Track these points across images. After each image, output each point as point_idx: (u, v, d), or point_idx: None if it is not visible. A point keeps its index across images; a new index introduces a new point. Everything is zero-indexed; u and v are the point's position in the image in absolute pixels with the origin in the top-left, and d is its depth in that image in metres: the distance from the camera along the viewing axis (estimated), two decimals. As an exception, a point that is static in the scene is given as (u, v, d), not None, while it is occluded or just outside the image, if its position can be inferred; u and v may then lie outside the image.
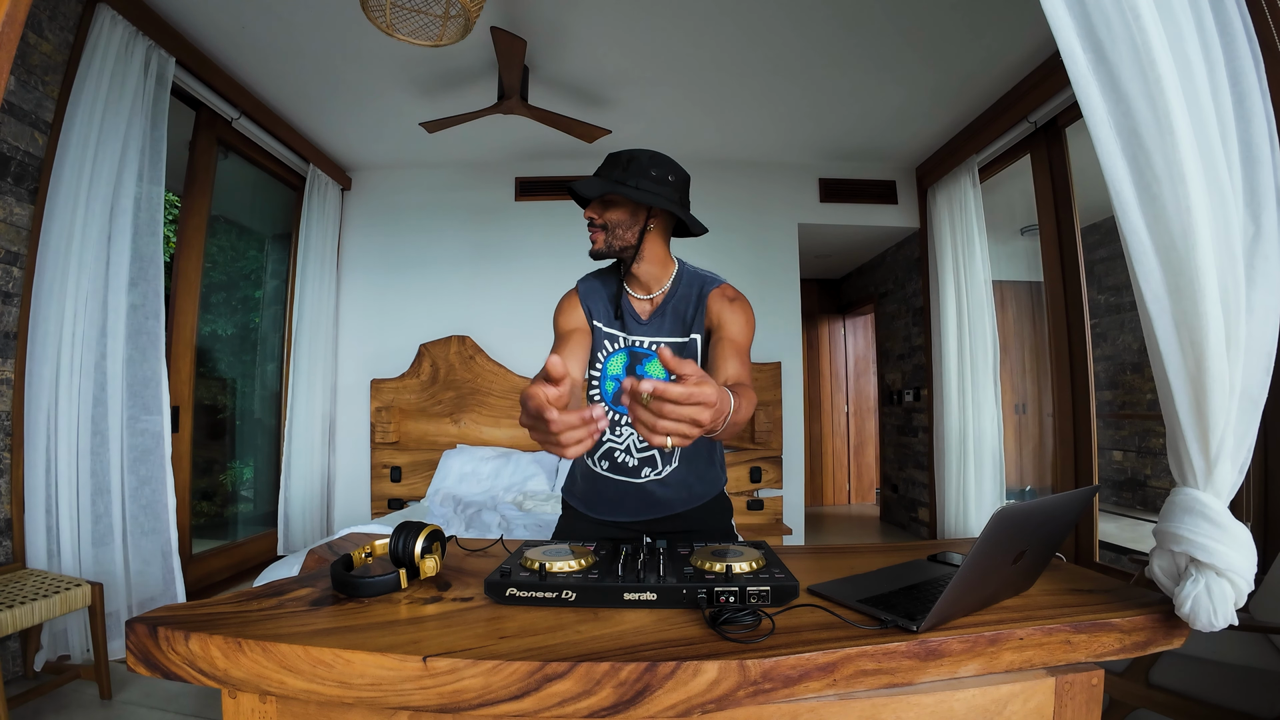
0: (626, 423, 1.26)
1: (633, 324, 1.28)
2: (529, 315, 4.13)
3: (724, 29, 2.77)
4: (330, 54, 2.93)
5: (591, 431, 0.69)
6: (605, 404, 1.29)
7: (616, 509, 1.34)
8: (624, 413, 1.28)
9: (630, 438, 1.28)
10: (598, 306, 1.32)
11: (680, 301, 1.26)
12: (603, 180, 1.20)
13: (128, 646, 0.73)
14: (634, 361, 1.27)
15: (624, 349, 1.28)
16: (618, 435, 1.29)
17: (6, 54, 0.71)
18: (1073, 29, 0.84)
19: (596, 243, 1.24)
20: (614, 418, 1.29)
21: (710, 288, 1.26)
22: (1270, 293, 0.78)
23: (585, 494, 1.38)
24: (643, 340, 1.27)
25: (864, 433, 6.24)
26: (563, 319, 1.32)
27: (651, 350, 1.26)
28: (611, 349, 1.29)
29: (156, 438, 2.51)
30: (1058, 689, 0.76)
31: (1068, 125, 3.03)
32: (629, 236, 1.22)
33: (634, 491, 1.31)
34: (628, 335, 1.28)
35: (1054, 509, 0.81)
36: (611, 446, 1.30)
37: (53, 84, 2.22)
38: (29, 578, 1.97)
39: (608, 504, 1.34)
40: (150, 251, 2.51)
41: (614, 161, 1.21)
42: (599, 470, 1.33)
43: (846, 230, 4.52)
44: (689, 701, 0.66)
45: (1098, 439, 3.00)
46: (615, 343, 1.29)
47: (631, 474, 1.29)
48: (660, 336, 1.26)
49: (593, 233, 1.23)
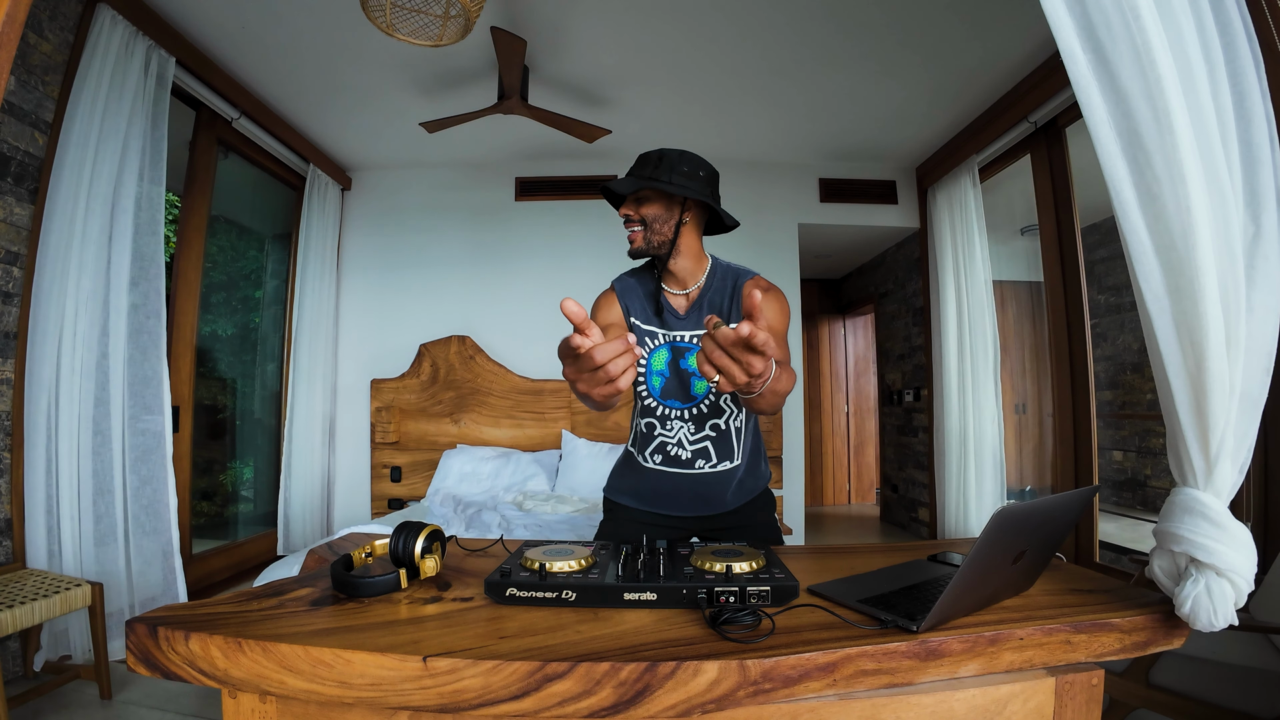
0: (677, 416, 1.29)
1: (671, 319, 1.30)
2: (529, 315, 4.13)
3: (724, 29, 2.77)
4: (330, 54, 2.93)
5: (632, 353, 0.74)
6: (655, 399, 1.31)
7: (671, 503, 1.35)
8: (674, 407, 1.30)
9: (681, 431, 1.29)
10: (635, 304, 1.33)
11: (715, 294, 1.29)
12: (636, 178, 1.22)
13: (128, 646, 0.73)
14: (676, 356, 1.29)
15: (665, 344, 1.30)
16: (669, 430, 1.30)
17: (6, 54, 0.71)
18: (1073, 29, 0.84)
19: (635, 241, 1.25)
20: (664, 413, 1.30)
21: (745, 280, 1.29)
22: (1270, 293, 0.77)
23: (637, 489, 1.38)
24: (683, 335, 1.29)
25: (864, 433, 6.23)
26: (600, 315, 1.34)
27: (694, 344, 1.27)
28: (653, 345, 1.31)
29: (158, 437, 2.51)
30: (1058, 689, 0.76)
31: (1068, 125, 3.03)
32: (666, 231, 1.25)
33: (687, 486, 1.32)
34: (668, 331, 1.30)
35: (1054, 509, 0.81)
36: (664, 440, 1.31)
37: (53, 84, 2.22)
38: (29, 578, 1.97)
39: (663, 498, 1.35)
40: (151, 251, 2.51)
41: (645, 160, 1.23)
42: (651, 465, 1.33)
43: (846, 230, 4.52)
44: (689, 701, 0.66)
45: (1098, 439, 3.00)
46: (655, 339, 1.30)
47: (686, 465, 1.31)
48: (700, 330, 1.27)
49: (631, 231, 1.25)
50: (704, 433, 1.29)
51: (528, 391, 4.00)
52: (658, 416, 1.30)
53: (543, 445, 3.95)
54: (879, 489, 5.75)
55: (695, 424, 1.29)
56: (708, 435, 1.29)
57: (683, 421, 1.29)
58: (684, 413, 1.29)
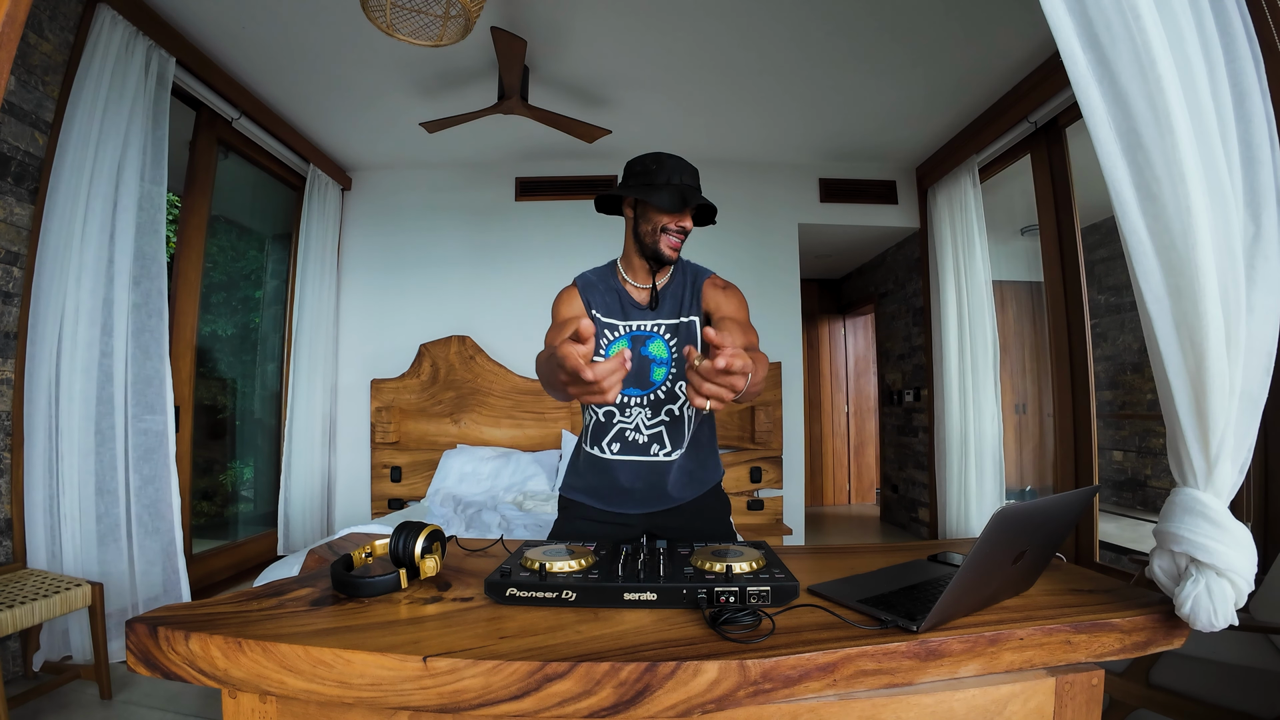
0: (636, 403, 1.34)
1: (632, 310, 1.37)
2: (529, 315, 4.13)
3: (725, 29, 2.77)
4: (330, 54, 2.93)
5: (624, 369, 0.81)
6: None
7: (625, 499, 1.38)
8: (632, 394, 1.35)
9: (639, 416, 1.34)
10: (596, 299, 1.39)
11: (677, 289, 1.37)
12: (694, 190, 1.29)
13: (128, 646, 0.73)
14: (636, 345, 1.36)
15: (625, 335, 1.36)
16: (627, 416, 1.35)
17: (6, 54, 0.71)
18: (1073, 29, 0.84)
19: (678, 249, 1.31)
20: (622, 401, 1.35)
21: (703, 278, 1.38)
22: (1270, 293, 0.78)
23: (593, 486, 1.41)
24: (644, 324, 1.36)
25: (864, 433, 6.23)
26: (563, 308, 1.39)
27: (653, 332, 1.34)
28: (612, 336, 1.37)
29: (160, 437, 2.51)
30: (1058, 689, 0.76)
31: (1068, 125, 3.03)
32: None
33: (644, 475, 1.35)
34: (627, 322, 1.37)
35: (1054, 509, 0.81)
36: (622, 427, 1.35)
37: (53, 84, 2.22)
38: (29, 578, 1.97)
39: (617, 493, 1.38)
40: (152, 250, 2.51)
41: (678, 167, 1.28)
42: (609, 456, 1.37)
43: (847, 230, 4.52)
44: (689, 701, 0.66)
45: (1098, 439, 3.00)
46: (615, 330, 1.37)
47: (641, 451, 1.35)
48: (661, 319, 1.35)
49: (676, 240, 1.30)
50: (659, 418, 1.34)
51: (528, 391, 4.00)
52: (616, 405, 1.35)
53: (543, 445, 3.95)
54: (879, 489, 5.75)
55: (652, 409, 1.34)
56: (662, 420, 1.34)
57: (640, 408, 1.34)
58: (642, 399, 1.34)
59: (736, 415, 4.02)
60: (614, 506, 1.40)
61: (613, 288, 1.40)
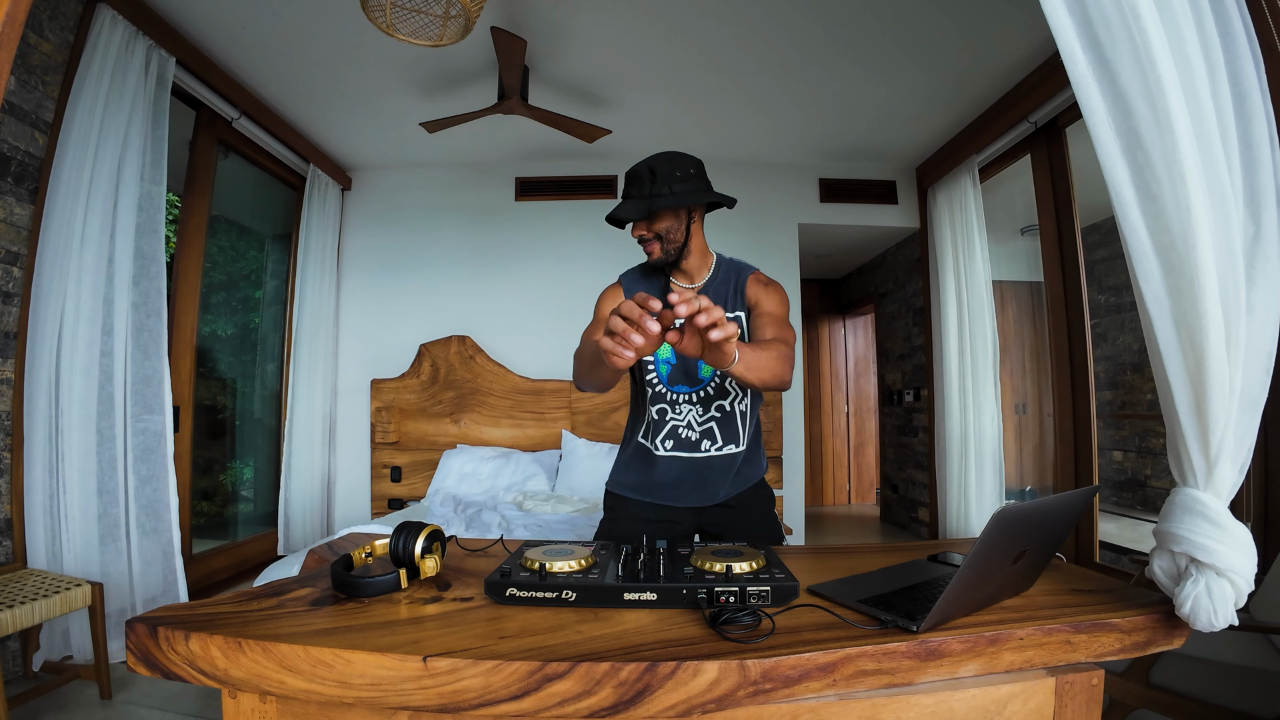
0: (685, 400, 1.37)
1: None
2: (529, 315, 4.13)
3: (725, 29, 2.77)
4: (330, 54, 2.93)
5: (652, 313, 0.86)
6: (664, 385, 1.39)
7: (675, 493, 1.40)
8: (681, 391, 1.38)
9: (690, 413, 1.37)
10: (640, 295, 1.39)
11: (720, 286, 1.39)
12: (640, 201, 1.28)
13: (128, 646, 0.73)
14: None
15: None
16: (679, 414, 1.38)
17: (6, 54, 0.71)
18: (1073, 29, 0.84)
19: (654, 254, 1.33)
20: (673, 398, 1.38)
21: (747, 274, 1.40)
22: (1270, 293, 0.78)
23: (640, 482, 1.43)
24: None
25: (864, 433, 6.23)
26: (605, 305, 1.43)
27: None
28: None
29: (158, 437, 2.51)
30: (1058, 689, 0.76)
31: (1068, 125, 3.03)
32: (678, 237, 1.33)
33: (695, 471, 1.38)
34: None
35: (1054, 509, 0.81)
36: (675, 424, 1.38)
37: (53, 84, 2.22)
38: (29, 578, 1.97)
39: (666, 488, 1.40)
40: (152, 250, 2.51)
41: (638, 179, 1.29)
42: (662, 452, 1.39)
43: (847, 230, 4.52)
44: (689, 701, 0.66)
45: (1098, 439, 3.00)
46: None
47: (693, 448, 1.38)
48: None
49: (647, 247, 1.32)
50: (710, 414, 1.37)
51: (528, 391, 4.00)
52: (668, 402, 1.38)
53: (543, 445, 3.95)
54: (879, 489, 5.75)
55: (702, 406, 1.37)
56: (713, 417, 1.37)
57: (691, 405, 1.37)
58: (691, 396, 1.37)
59: (736, 415, 4.01)
60: (664, 500, 1.41)
61: (656, 285, 1.42)
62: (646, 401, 1.41)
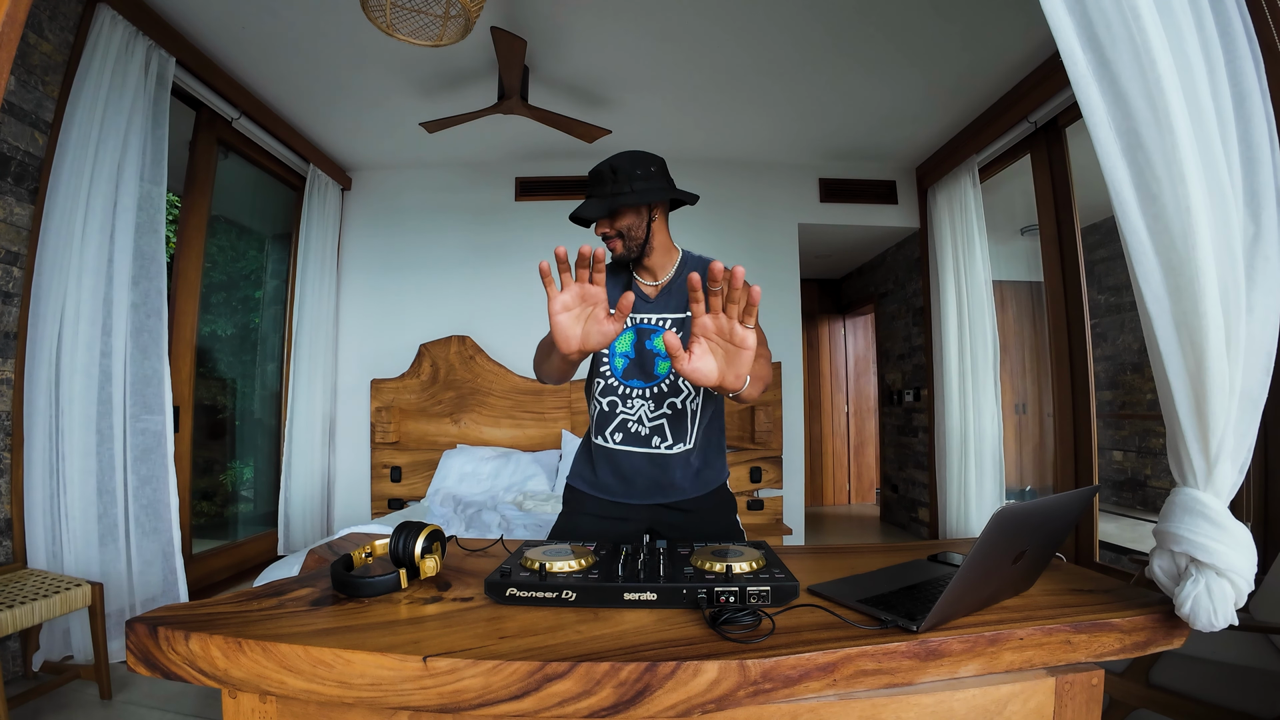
0: (638, 395, 1.37)
1: (641, 305, 1.39)
2: (529, 315, 4.12)
3: (725, 29, 2.77)
4: (330, 54, 2.93)
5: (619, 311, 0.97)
6: (617, 379, 1.38)
7: (628, 489, 1.39)
8: (635, 386, 1.37)
9: (642, 408, 1.36)
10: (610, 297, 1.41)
11: (683, 283, 1.36)
12: (603, 200, 1.30)
13: (128, 646, 0.73)
14: (641, 338, 1.37)
15: (630, 329, 1.38)
16: (630, 408, 1.37)
17: (6, 54, 0.71)
18: (1073, 29, 0.84)
19: (617, 250, 1.34)
20: (625, 391, 1.37)
21: None
22: (1270, 293, 0.78)
23: (595, 476, 1.43)
24: (650, 317, 1.37)
25: (864, 433, 6.23)
26: None
27: (659, 326, 1.36)
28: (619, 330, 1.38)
29: (158, 437, 2.51)
30: (1058, 689, 0.76)
31: (1068, 125, 3.03)
32: (639, 234, 1.34)
33: (646, 467, 1.37)
34: (633, 315, 1.38)
35: (1054, 509, 0.81)
36: (624, 418, 1.37)
37: (53, 84, 2.22)
38: (29, 578, 1.97)
39: (620, 483, 1.40)
40: (152, 250, 2.51)
41: (600, 178, 1.31)
42: (612, 445, 1.39)
43: (847, 230, 4.52)
44: (689, 701, 0.66)
45: (1098, 439, 3.00)
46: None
47: (643, 443, 1.37)
48: (667, 313, 1.36)
49: (610, 244, 1.33)
50: (661, 410, 1.36)
51: (528, 391, 4.00)
52: (619, 395, 1.38)
53: (543, 445, 3.95)
54: (879, 489, 5.75)
55: (654, 402, 1.36)
56: (664, 413, 1.36)
57: (643, 400, 1.36)
58: (645, 391, 1.36)
59: (737, 415, 4.02)
60: (615, 497, 1.41)
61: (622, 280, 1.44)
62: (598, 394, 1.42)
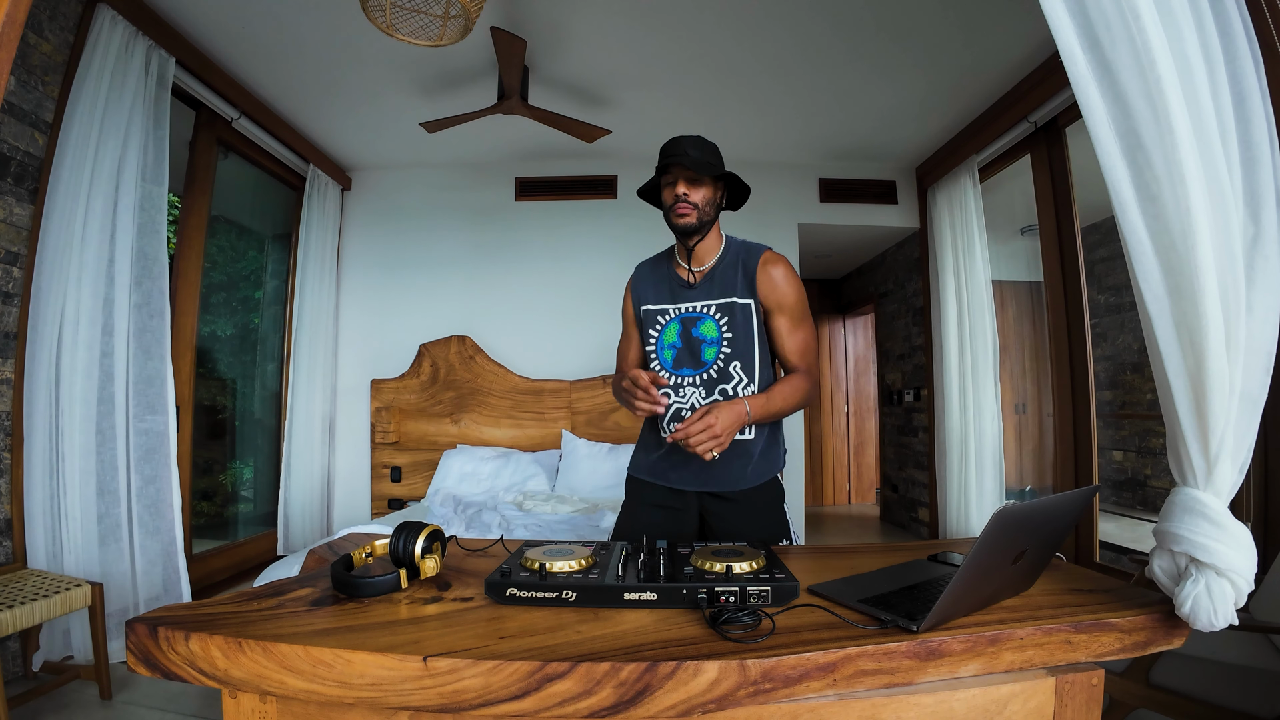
0: (689, 383, 1.41)
1: (682, 293, 1.43)
2: (529, 315, 4.13)
3: (725, 29, 2.77)
4: (330, 54, 2.92)
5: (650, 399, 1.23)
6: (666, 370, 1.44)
7: (683, 474, 1.43)
8: (686, 375, 1.41)
9: (694, 396, 1.40)
10: (646, 291, 1.48)
11: (727, 269, 1.40)
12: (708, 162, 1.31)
13: (128, 646, 0.73)
14: (686, 326, 1.42)
15: (675, 319, 1.43)
16: (683, 396, 1.41)
17: (6, 54, 0.71)
18: (1073, 29, 0.84)
19: (687, 218, 1.34)
20: (677, 381, 1.41)
21: (756, 258, 1.39)
22: (1270, 293, 0.78)
23: (653, 462, 1.48)
24: (694, 305, 1.41)
25: (864, 433, 6.23)
26: (624, 312, 1.57)
27: (702, 313, 1.40)
28: (664, 322, 1.45)
29: (160, 437, 2.51)
30: (1058, 689, 0.76)
31: (1068, 125, 3.03)
32: (710, 212, 1.36)
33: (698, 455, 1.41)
34: (676, 305, 1.43)
35: (1054, 509, 0.81)
36: (678, 407, 1.41)
37: (53, 84, 2.22)
38: (29, 578, 1.97)
39: (676, 469, 1.43)
40: (153, 250, 2.51)
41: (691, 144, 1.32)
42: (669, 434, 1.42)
43: (846, 230, 4.52)
44: (689, 701, 0.66)
45: (1098, 439, 3.00)
46: (665, 315, 1.45)
47: None
48: (710, 299, 1.40)
49: (684, 208, 1.33)
50: (713, 398, 1.38)
51: (528, 391, 4.00)
52: (672, 386, 1.42)
53: (543, 445, 3.95)
54: (879, 489, 5.75)
55: (706, 389, 1.39)
56: (715, 400, 1.37)
57: (694, 387, 1.40)
58: (695, 379, 1.40)
59: (736, 415, 4.01)
60: (670, 483, 1.44)
61: (664, 273, 1.47)
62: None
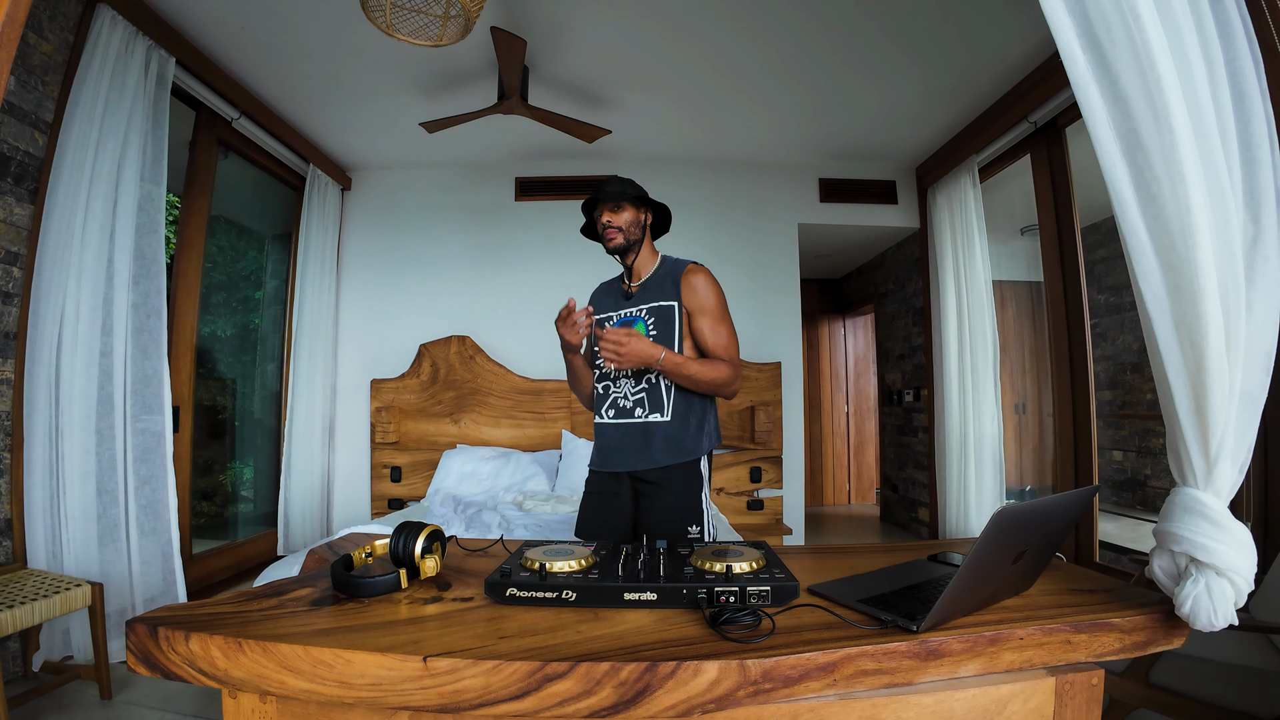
0: (623, 375, 1.63)
1: (623, 301, 1.70)
2: (529, 315, 4.12)
3: (725, 30, 2.77)
4: (330, 54, 2.92)
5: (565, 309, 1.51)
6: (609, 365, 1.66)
7: (616, 457, 1.62)
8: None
9: (626, 385, 1.63)
10: (601, 301, 1.76)
11: (659, 280, 1.65)
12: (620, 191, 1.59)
13: (128, 646, 0.73)
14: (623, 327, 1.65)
15: (617, 321, 1.68)
16: (619, 387, 1.64)
17: (6, 54, 0.71)
18: (1073, 29, 0.84)
19: (615, 239, 1.61)
20: (614, 374, 1.63)
21: (681, 268, 1.64)
22: (1270, 293, 0.78)
23: (598, 449, 1.68)
24: (631, 310, 1.67)
25: (864, 433, 6.23)
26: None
27: (637, 315, 1.64)
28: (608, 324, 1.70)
29: (157, 437, 2.51)
30: (1058, 689, 0.76)
31: (1068, 125, 3.03)
32: (635, 233, 1.64)
33: (631, 435, 1.61)
34: (619, 310, 1.69)
35: (1054, 509, 0.81)
36: (615, 396, 1.64)
37: (53, 84, 2.22)
38: (29, 578, 1.97)
39: (612, 453, 1.63)
40: (152, 250, 2.51)
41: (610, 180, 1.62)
42: (606, 420, 1.65)
43: (846, 230, 4.52)
44: (689, 701, 0.66)
45: (1098, 439, 3.00)
46: (610, 320, 1.71)
47: (629, 415, 1.62)
48: (644, 304, 1.64)
49: (611, 233, 1.61)
50: (641, 385, 1.61)
51: (528, 391, 4.00)
52: (611, 378, 1.65)
53: (543, 445, 3.95)
54: (879, 489, 5.75)
55: (635, 378, 1.62)
56: (643, 387, 1.61)
57: (627, 378, 1.63)
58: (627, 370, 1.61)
59: (736, 415, 4.02)
60: (608, 466, 1.63)
61: (613, 287, 1.76)
62: (596, 381, 1.70)
